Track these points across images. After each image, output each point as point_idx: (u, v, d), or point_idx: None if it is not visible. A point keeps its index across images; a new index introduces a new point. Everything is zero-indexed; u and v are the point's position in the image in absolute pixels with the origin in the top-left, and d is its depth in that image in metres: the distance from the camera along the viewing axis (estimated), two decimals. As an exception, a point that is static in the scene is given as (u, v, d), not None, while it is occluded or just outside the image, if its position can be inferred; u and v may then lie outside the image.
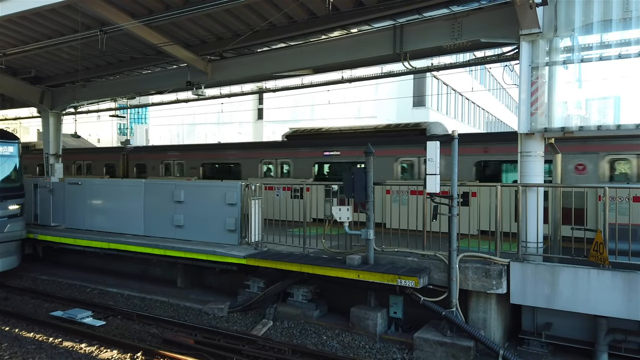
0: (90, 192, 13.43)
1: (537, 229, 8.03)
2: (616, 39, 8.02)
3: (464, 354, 7.36)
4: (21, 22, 11.70)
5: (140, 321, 9.45)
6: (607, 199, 7.27)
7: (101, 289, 11.70)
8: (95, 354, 7.90)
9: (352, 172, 8.68)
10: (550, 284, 7.35)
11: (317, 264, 8.81)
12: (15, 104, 19.30)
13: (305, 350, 7.82)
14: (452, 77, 29.60)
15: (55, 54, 14.12)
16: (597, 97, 28.59)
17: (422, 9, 9.80)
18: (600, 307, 7.04)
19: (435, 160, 7.77)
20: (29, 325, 9.29)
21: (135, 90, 16.32)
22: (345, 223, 8.87)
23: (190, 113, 32.89)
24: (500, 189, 8.06)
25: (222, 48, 12.28)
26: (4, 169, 12.59)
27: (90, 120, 27.14)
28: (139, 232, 12.05)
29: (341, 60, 11.95)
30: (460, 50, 11.54)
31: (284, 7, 10.31)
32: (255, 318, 9.46)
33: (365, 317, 8.49)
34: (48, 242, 13.16)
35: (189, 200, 11.29)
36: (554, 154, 8.92)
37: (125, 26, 10.69)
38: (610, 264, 7.02)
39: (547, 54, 8.11)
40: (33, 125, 36.79)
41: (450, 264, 7.73)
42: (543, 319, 7.83)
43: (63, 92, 16.89)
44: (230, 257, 9.81)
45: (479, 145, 12.33)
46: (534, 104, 8.11)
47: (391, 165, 13.49)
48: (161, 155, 19.43)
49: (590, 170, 10.70)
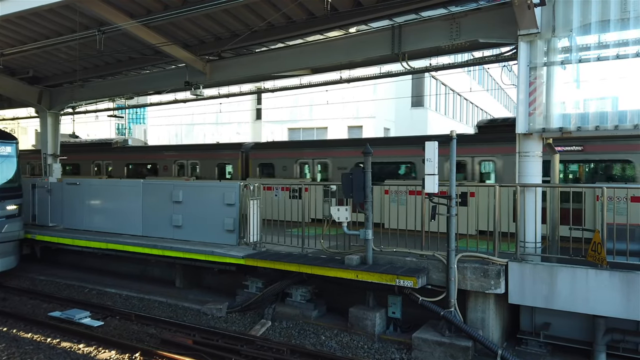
0: (88, 193, 13.41)
1: (536, 229, 8.04)
2: (614, 39, 8.03)
3: (462, 354, 7.36)
4: (19, 22, 11.67)
5: (139, 321, 9.44)
6: (605, 199, 7.29)
7: (99, 290, 11.68)
8: (94, 354, 7.88)
9: (350, 173, 8.68)
10: (549, 284, 7.36)
11: (316, 264, 8.81)
12: (13, 104, 19.25)
13: (303, 351, 7.82)
14: (451, 78, 29.64)
15: (53, 54, 14.09)
16: (595, 97, 28.67)
17: (420, 9, 9.81)
18: (599, 307, 7.05)
19: (433, 160, 7.78)
20: (27, 326, 9.27)
21: (134, 91, 16.29)
22: (344, 223, 8.87)
23: (189, 113, 32.84)
24: (498, 189, 8.07)
25: (220, 48, 12.27)
26: (2, 169, 12.57)
27: (88, 121, 27.12)
28: (137, 232, 12.04)
29: (340, 61, 11.95)
30: (458, 51, 11.55)
31: (282, 7, 10.30)
32: (254, 318, 9.45)
33: (363, 317, 8.49)
34: (46, 243, 13.15)
35: (187, 201, 11.28)
36: (552, 154, 8.94)
37: (124, 26, 10.67)
38: (608, 264, 7.03)
39: (545, 55, 8.13)
40: (31, 126, 36.75)
41: (449, 264, 7.74)
42: (541, 319, 7.83)
43: (61, 92, 16.85)
44: (228, 257, 9.80)
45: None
46: (532, 104, 8.12)
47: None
48: (297, 153, 16.41)
49: None
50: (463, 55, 14.32)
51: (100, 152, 21.80)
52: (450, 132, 7.88)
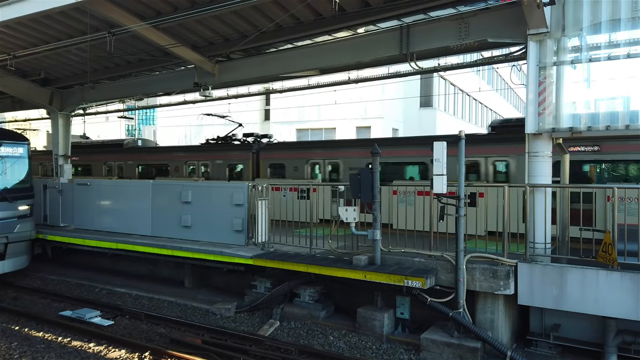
0: (98, 193, 13.54)
1: (545, 230, 7.98)
2: (625, 38, 7.96)
3: (471, 355, 7.33)
4: (31, 24, 11.80)
5: (148, 321, 9.51)
6: (616, 200, 7.22)
7: (109, 289, 11.78)
8: (104, 353, 7.96)
9: (358, 173, 8.68)
10: (558, 285, 7.31)
11: (324, 264, 8.82)
12: (25, 106, 19.45)
13: (312, 351, 7.83)
14: (459, 78, 29.51)
15: (64, 55, 14.24)
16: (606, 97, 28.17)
17: (428, 9, 9.78)
18: (609, 308, 6.98)
19: (442, 160, 7.75)
20: (38, 325, 9.38)
21: (143, 92, 16.38)
22: (352, 224, 8.87)
23: (198, 114, 33.01)
24: (507, 189, 8.03)
25: (229, 49, 12.32)
26: (14, 170, 12.72)
27: (98, 122, 27.37)
28: (147, 232, 12.13)
29: (347, 61, 11.93)
30: (467, 51, 11.49)
31: (290, 8, 10.32)
32: (262, 318, 9.48)
33: (371, 317, 8.49)
34: (57, 243, 13.28)
35: (196, 201, 11.35)
36: (562, 154, 8.87)
37: (133, 28, 10.76)
38: (619, 265, 6.96)
39: (555, 54, 8.07)
40: (42, 127, 37.14)
41: (458, 265, 7.71)
42: (551, 320, 7.78)
43: (72, 93, 17.01)
44: (237, 257, 9.84)
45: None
46: (541, 104, 8.06)
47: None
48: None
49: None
50: (472, 55, 14.25)
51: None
52: (459, 132, 7.85)
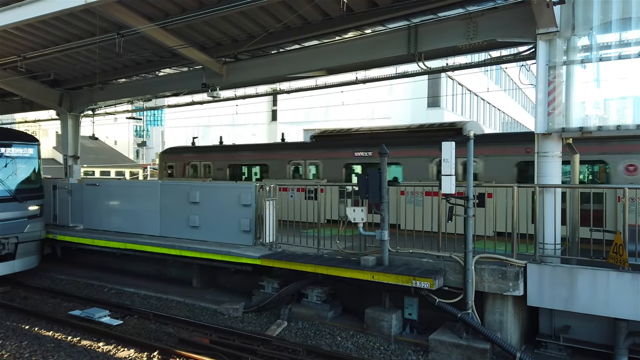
0: (107, 194, 13.63)
1: (555, 231, 7.92)
2: (636, 37, 7.88)
3: (480, 356, 7.29)
4: (41, 26, 11.92)
5: (157, 321, 9.55)
6: (627, 200, 7.15)
7: (118, 289, 11.84)
8: (113, 352, 8.00)
9: (366, 173, 8.66)
10: (568, 286, 7.25)
11: (332, 264, 8.81)
12: (35, 107, 19.63)
13: (319, 351, 7.82)
14: (468, 78, 29.35)
15: (74, 57, 14.36)
16: (616, 97, 28.06)
17: (436, 9, 9.75)
18: (620, 309, 6.91)
19: (450, 160, 7.72)
20: (48, 324, 9.44)
21: (152, 92, 16.50)
22: (360, 224, 8.86)
23: (205, 115, 33.15)
24: (517, 189, 7.97)
25: (237, 50, 12.37)
26: (24, 171, 12.84)
27: (107, 122, 27.55)
28: (155, 232, 12.19)
29: (355, 61, 11.93)
30: (475, 50, 11.45)
31: (298, 8, 10.33)
32: (270, 318, 9.49)
33: (379, 318, 8.47)
34: (67, 243, 13.38)
35: (204, 201, 11.39)
36: (572, 155, 8.80)
37: (142, 29, 10.82)
38: (630, 266, 6.89)
39: (565, 53, 8.01)
40: (52, 128, 37.47)
41: (466, 266, 7.66)
42: (561, 322, 7.72)
43: (81, 94, 17.16)
44: (245, 257, 9.86)
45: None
46: (551, 103, 8.01)
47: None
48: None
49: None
50: (480, 55, 14.19)
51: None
52: (468, 133, 7.81)
